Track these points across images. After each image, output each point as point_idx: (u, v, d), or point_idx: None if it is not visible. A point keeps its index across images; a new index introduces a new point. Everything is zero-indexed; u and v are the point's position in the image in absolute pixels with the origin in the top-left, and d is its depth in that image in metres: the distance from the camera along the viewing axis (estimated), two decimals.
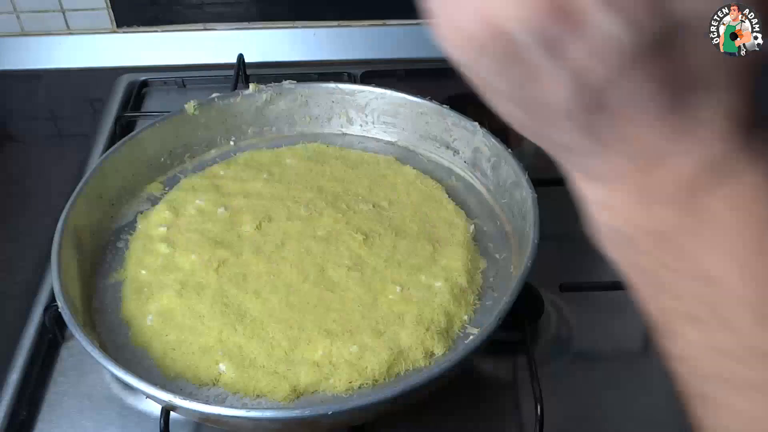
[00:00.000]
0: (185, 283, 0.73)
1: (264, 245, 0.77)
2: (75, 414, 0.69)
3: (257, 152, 0.90)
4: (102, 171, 0.80)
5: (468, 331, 0.70)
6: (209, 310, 0.70)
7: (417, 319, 0.69)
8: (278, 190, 0.83)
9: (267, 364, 0.67)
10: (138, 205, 0.83)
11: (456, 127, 0.86)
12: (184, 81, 1.10)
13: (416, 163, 0.88)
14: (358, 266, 0.74)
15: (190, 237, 0.78)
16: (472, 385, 0.71)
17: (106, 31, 1.16)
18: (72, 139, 1.05)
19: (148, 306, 0.72)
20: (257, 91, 0.90)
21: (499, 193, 0.82)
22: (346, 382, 0.65)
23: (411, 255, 0.75)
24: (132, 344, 0.70)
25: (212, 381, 0.67)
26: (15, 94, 1.13)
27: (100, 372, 0.72)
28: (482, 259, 0.77)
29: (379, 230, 0.78)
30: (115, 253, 0.78)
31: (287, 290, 0.72)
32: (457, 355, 0.62)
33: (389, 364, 0.66)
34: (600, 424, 0.69)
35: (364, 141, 0.92)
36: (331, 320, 0.69)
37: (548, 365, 0.72)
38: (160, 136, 0.86)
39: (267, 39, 1.15)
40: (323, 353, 0.67)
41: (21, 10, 1.14)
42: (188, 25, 1.15)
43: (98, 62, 1.15)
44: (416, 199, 0.83)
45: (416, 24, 1.15)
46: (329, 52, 1.15)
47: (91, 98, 1.10)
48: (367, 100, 0.91)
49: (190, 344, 0.69)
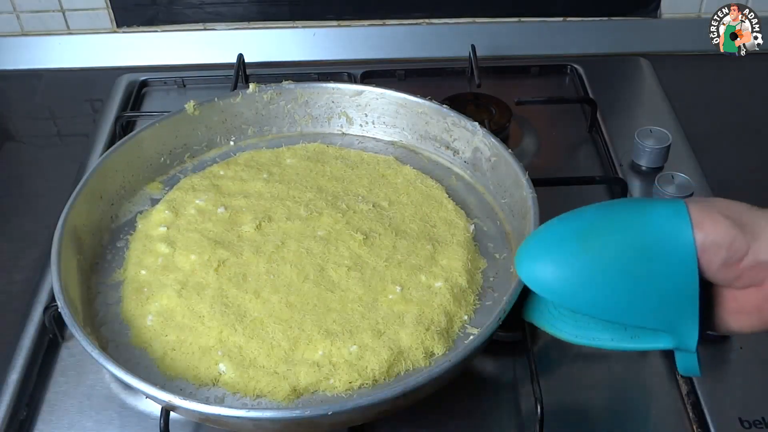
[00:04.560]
0: (185, 283, 0.73)
1: (264, 245, 0.77)
2: (75, 414, 0.69)
3: (257, 152, 0.90)
4: (102, 171, 0.80)
5: (468, 331, 0.70)
6: (209, 310, 0.70)
7: (417, 319, 0.69)
8: (278, 190, 0.83)
9: (267, 364, 0.67)
10: (138, 205, 0.83)
11: (456, 127, 0.86)
12: (184, 81, 1.10)
13: (416, 163, 0.88)
14: (358, 266, 0.74)
15: (190, 237, 0.78)
16: (472, 385, 0.71)
17: (106, 31, 1.16)
18: (72, 139, 1.05)
19: (148, 306, 0.72)
20: (257, 91, 0.90)
21: (499, 193, 0.82)
22: (346, 382, 0.65)
23: (411, 255, 0.76)
24: (132, 344, 0.70)
25: (212, 381, 0.67)
26: (15, 94, 1.13)
27: (100, 372, 0.72)
28: (482, 259, 0.77)
29: (379, 230, 0.78)
30: (115, 253, 0.79)
31: (287, 290, 0.72)
32: (457, 355, 0.62)
33: (389, 364, 0.66)
34: (600, 424, 0.69)
35: (363, 141, 0.92)
36: (331, 320, 0.69)
37: (548, 365, 0.72)
38: (160, 136, 0.86)
39: (267, 39, 1.15)
40: (323, 353, 0.67)
41: (21, 10, 1.14)
42: (188, 25, 1.15)
43: (98, 62, 1.15)
44: (416, 199, 0.83)
45: (416, 24, 1.15)
46: (329, 52, 1.15)
47: (91, 98, 1.10)
48: (367, 100, 0.91)
49: (190, 344, 0.69)
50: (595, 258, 0.56)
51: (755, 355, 0.72)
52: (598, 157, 0.97)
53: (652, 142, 0.92)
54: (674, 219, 0.54)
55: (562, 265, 0.57)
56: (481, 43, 1.10)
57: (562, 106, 1.05)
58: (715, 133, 1.01)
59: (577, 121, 1.02)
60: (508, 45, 1.14)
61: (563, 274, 0.57)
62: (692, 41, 1.13)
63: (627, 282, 0.55)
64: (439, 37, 1.15)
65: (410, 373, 0.67)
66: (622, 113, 1.03)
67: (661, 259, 0.54)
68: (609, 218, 0.57)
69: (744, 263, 0.52)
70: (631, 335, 0.60)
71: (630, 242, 0.55)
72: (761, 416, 0.67)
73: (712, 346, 0.72)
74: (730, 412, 0.68)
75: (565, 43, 1.15)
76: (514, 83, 1.11)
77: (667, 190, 0.85)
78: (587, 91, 1.06)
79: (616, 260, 0.55)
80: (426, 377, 0.60)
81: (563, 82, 1.11)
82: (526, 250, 0.61)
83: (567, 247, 0.58)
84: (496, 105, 0.99)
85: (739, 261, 0.52)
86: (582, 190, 0.89)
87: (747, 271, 0.53)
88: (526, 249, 0.61)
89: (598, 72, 1.09)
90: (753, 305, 0.55)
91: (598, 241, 0.56)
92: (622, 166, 0.93)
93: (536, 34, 1.15)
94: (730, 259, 0.52)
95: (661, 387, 0.71)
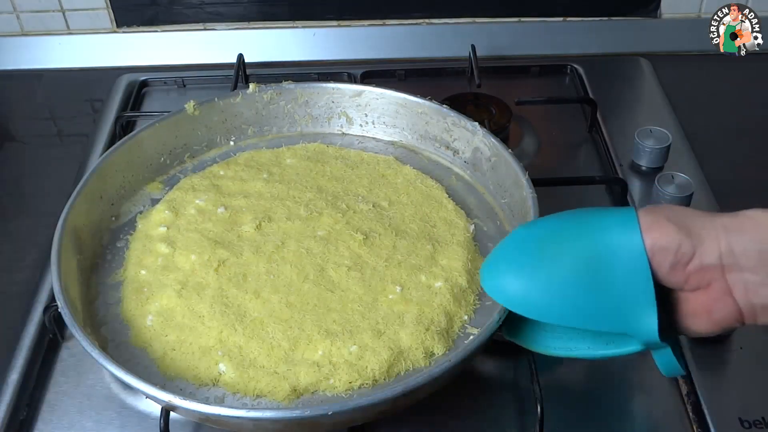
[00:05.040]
0: (185, 283, 0.73)
1: (264, 245, 0.77)
2: (75, 414, 0.69)
3: (257, 152, 0.90)
4: (102, 171, 0.80)
5: (468, 331, 0.70)
6: (209, 310, 0.70)
7: (417, 319, 0.69)
8: (278, 190, 0.83)
9: (267, 364, 0.67)
10: (138, 205, 0.83)
11: (456, 127, 0.86)
12: (184, 81, 1.10)
13: (416, 163, 0.88)
14: (358, 266, 0.74)
15: (190, 237, 0.78)
16: (472, 385, 0.71)
17: (106, 31, 1.16)
18: (72, 139, 1.05)
19: (148, 306, 0.72)
20: (257, 91, 0.90)
21: (499, 193, 0.82)
22: (346, 382, 0.65)
23: (411, 255, 0.75)
24: (132, 344, 0.70)
25: (212, 381, 0.67)
26: (15, 94, 1.13)
27: (100, 372, 0.72)
28: (482, 259, 0.77)
29: (379, 230, 0.78)
30: (115, 253, 0.78)
31: (287, 290, 0.72)
32: (457, 355, 0.62)
33: (389, 364, 0.66)
34: (600, 424, 0.69)
35: (363, 141, 0.92)
36: (331, 320, 0.69)
37: (548, 365, 0.72)
38: (160, 136, 0.86)
39: (267, 39, 1.15)
40: (323, 353, 0.67)
41: (21, 10, 1.14)
42: (188, 25, 1.15)
43: (98, 62, 1.15)
44: (416, 199, 0.83)
45: (416, 24, 1.15)
46: (329, 52, 1.15)
47: (91, 98, 1.10)
48: (367, 100, 0.91)
49: (190, 344, 0.69)
50: (552, 267, 0.58)
51: (755, 355, 0.72)
52: (598, 157, 0.97)
53: (652, 142, 0.92)
54: (624, 226, 0.56)
55: (522, 277, 0.60)
56: (481, 43, 1.10)
57: (562, 106, 1.05)
58: (715, 133, 1.01)
59: (577, 121, 1.02)
60: (508, 45, 1.14)
61: (525, 285, 0.59)
62: (692, 41, 1.13)
63: (585, 289, 0.57)
64: (439, 37, 1.15)
65: (410, 373, 0.67)
66: (622, 113, 1.03)
67: (614, 265, 0.56)
68: (564, 227, 0.60)
69: (690, 267, 0.55)
70: (605, 341, 0.62)
71: (584, 250, 0.57)
72: (761, 416, 0.67)
73: (711, 346, 0.72)
74: (730, 412, 0.68)
75: (565, 43, 1.15)
76: (514, 83, 1.11)
77: (667, 190, 0.85)
78: (587, 91, 1.06)
79: (573, 268, 0.57)
80: (426, 377, 0.60)
81: (563, 82, 1.11)
82: (489, 263, 0.64)
83: (526, 258, 0.60)
84: (496, 105, 0.99)
85: (686, 264, 0.55)
86: (582, 190, 0.89)
87: (694, 274, 0.55)
88: (488, 263, 0.64)
89: (598, 72, 1.09)
90: (703, 307, 0.57)
91: (554, 251, 0.59)
92: (622, 166, 0.93)
93: (536, 34, 1.15)
94: (677, 263, 0.55)
95: (661, 387, 0.71)
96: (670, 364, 0.60)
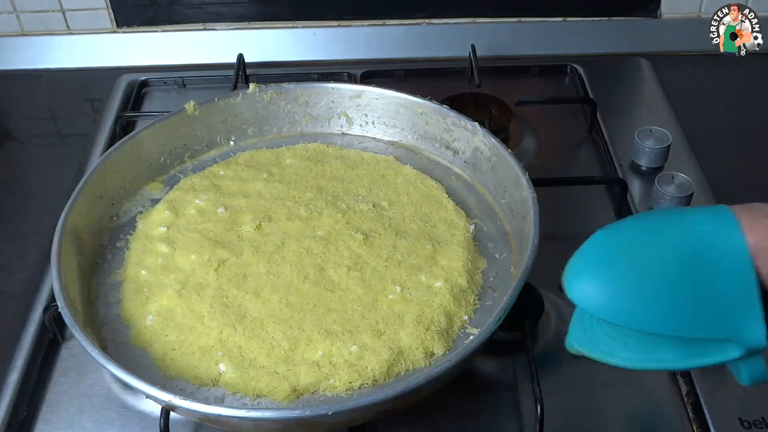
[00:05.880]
0: (185, 283, 0.73)
1: (264, 245, 0.77)
2: (75, 414, 0.69)
3: (257, 152, 0.90)
4: (102, 171, 0.80)
5: (468, 331, 0.70)
6: (209, 310, 0.70)
7: (417, 319, 0.69)
8: (278, 190, 0.83)
9: (267, 364, 0.67)
10: (138, 205, 0.83)
11: (456, 127, 0.86)
12: (184, 81, 1.10)
13: (416, 163, 0.88)
14: (358, 266, 0.74)
15: (190, 237, 0.78)
16: (472, 385, 0.71)
17: (106, 31, 1.16)
18: (72, 139, 1.05)
19: (148, 306, 0.72)
20: (257, 91, 0.90)
21: (499, 193, 0.82)
22: (346, 382, 0.65)
23: (411, 255, 0.75)
24: (132, 344, 0.70)
25: (212, 381, 0.67)
26: (15, 94, 1.13)
27: (100, 372, 0.72)
28: (482, 259, 0.77)
29: (379, 230, 0.78)
30: (115, 253, 0.79)
31: (287, 290, 0.72)
32: (457, 355, 0.62)
33: (389, 364, 0.66)
34: (600, 424, 0.69)
35: (363, 141, 0.92)
36: (331, 320, 0.69)
37: (548, 365, 0.72)
38: (160, 136, 0.86)
39: (267, 39, 1.15)
40: (323, 353, 0.67)
41: (21, 10, 1.14)
42: (188, 25, 1.15)
43: (98, 62, 1.15)
44: (416, 199, 0.83)
45: (416, 24, 1.15)
46: (329, 52, 1.15)
47: (91, 98, 1.10)
48: (367, 100, 0.91)
49: (190, 344, 0.69)
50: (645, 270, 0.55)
51: None
52: (598, 157, 0.97)
53: (652, 142, 0.92)
54: (723, 226, 0.54)
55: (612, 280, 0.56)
56: (481, 43, 1.10)
57: (562, 106, 1.05)
58: (715, 133, 1.01)
59: (577, 121, 1.02)
60: (508, 45, 1.14)
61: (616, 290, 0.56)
62: (692, 41, 1.13)
63: (683, 292, 0.54)
64: (439, 37, 1.15)
65: (410, 373, 0.67)
66: (622, 113, 1.03)
67: (714, 267, 0.53)
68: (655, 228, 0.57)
69: None
70: (699, 350, 0.58)
71: (681, 251, 0.54)
72: (761, 416, 0.67)
73: None
74: (730, 412, 0.68)
75: (565, 43, 1.15)
76: (514, 83, 1.11)
77: (667, 190, 0.85)
78: (587, 91, 1.06)
79: (668, 270, 0.55)
80: (426, 377, 0.60)
81: (563, 82, 1.11)
82: (573, 269, 0.59)
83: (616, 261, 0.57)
84: (496, 105, 0.99)
85: None
86: (582, 190, 0.89)
87: None
88: (572, 268, 0.59)
89: (598, 72, 1.09)
90: None
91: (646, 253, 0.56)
92: (622, 166, 0.93)
93: (536, 34, 1.15)
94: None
95: (661, 387, 0.71)
96: (758, 370, 0.57)
